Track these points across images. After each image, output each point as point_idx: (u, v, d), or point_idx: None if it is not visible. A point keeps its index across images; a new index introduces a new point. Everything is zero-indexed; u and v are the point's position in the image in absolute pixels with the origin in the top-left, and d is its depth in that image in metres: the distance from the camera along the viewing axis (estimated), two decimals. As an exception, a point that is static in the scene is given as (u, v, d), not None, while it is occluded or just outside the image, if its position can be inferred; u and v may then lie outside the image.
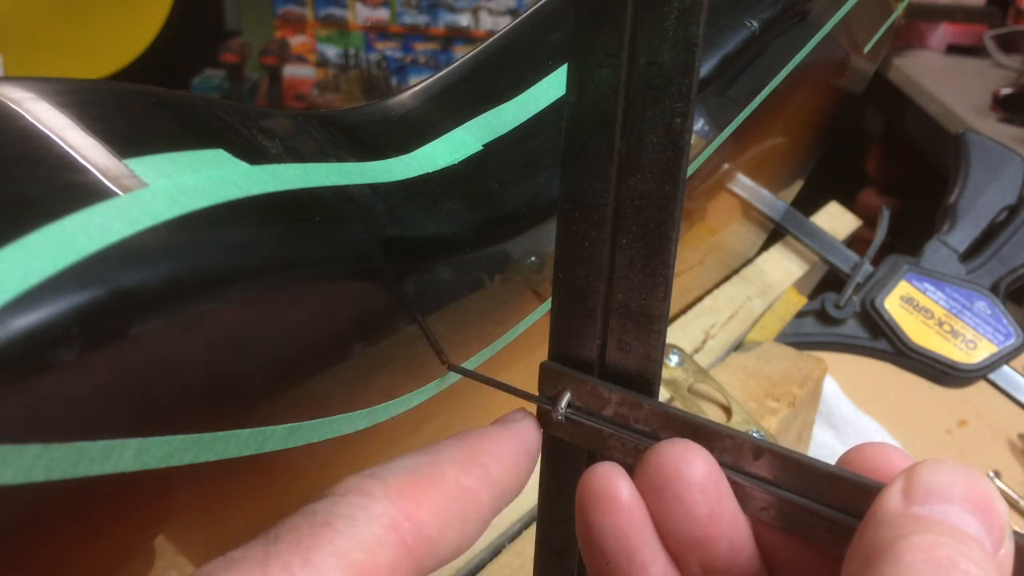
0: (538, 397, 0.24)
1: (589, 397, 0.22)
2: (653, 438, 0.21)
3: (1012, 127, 1.04)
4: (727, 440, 0.20)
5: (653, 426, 0.21)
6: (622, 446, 0.22)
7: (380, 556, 0.18)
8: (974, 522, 0.16)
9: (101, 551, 0.21)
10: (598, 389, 0.22)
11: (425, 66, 2.14)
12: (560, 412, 0.23)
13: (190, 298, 0.19)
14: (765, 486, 0.20)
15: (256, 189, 0.22)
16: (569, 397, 0.23)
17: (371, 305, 0.25)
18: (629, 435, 0.22)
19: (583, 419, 0.22)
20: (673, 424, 0.21)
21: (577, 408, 0.23)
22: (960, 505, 0.16)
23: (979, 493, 0.17)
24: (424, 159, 0.29)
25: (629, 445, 0.22)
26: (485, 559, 0.36)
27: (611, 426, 0.22)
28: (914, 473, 0.17)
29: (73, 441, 0.17)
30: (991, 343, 0.58)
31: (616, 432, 0.22)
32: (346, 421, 0.26)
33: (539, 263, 0.32)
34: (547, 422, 0.23)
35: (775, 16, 0.36)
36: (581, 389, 0.23)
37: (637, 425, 0.22)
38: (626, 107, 0.20)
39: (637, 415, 0.22)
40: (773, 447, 0.20)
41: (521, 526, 0.38)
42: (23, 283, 0.16)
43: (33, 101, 0.20)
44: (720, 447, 0.20)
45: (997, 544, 0.16)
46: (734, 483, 0.20)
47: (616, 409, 0.22)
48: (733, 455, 0.20)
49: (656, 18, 0.19)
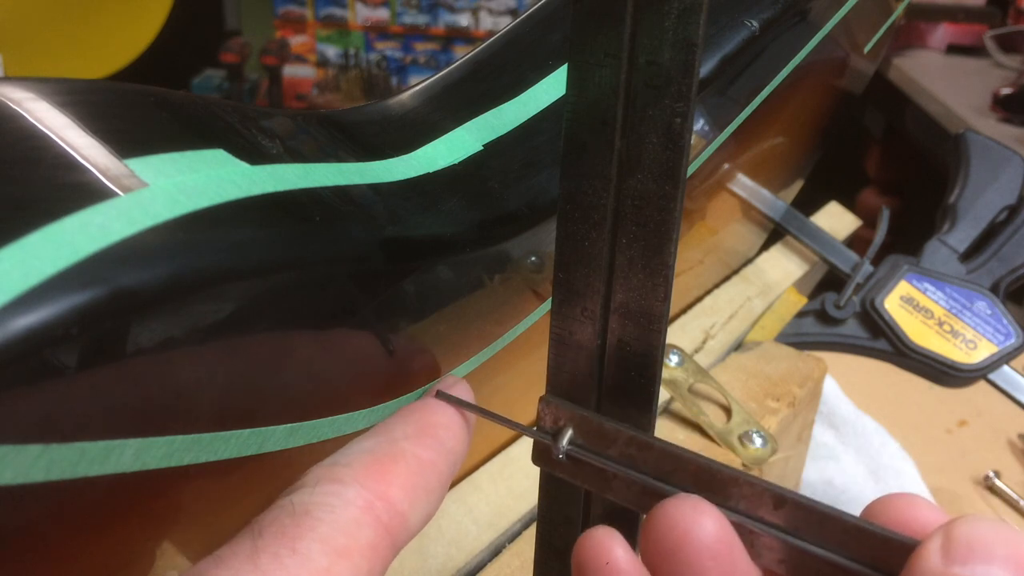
0: (538, 432, 0.22)
1: (593, 434, 0.21)
2: (663, 481, 0.20)
3: (1012, 127, 1.04)
4: (745, 487, 0.19)
5: (664, 469, 0.20)
6: (627, 488, 0.20)
7: (361, 538, 0.19)
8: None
9: (101, 552, 0.21)
10: (604, 426, 0.21)
11: (425, 66, 2.14)
12: (561, 450, 0.21)
13: (190, 298, 0.19)
14: (784, 536, 0.18)
15: (256, 189, 0.22)
16: (571, 434, 0.21)
17: (371, 305, 0.25)
18: (636, 476, 0.20)
19: (586, 457, 0.21)
20: (687, 468, 0.19)
21: (579, 446, 0.21)
22: (1003, 566, 0.16)
23: (1021, 553, 0.16)
24: (424, 159, 0.29)
25: (635, 487, 0.20)
26: (485, 559, 0.36)
27: (616, 466, 0.20)
28: (953, 530, 0.16)
29: (73, 441, 0.17)
30: (991, 343, 0.58)
31: (621, 472, 0.20)
32: (346, 421, 0.26)
33: (539, 263, 0.32)
34: (545, 460, 0.22)
35: (775, 16, 0.36)
36: (584, 425, 0.21)
37: (645, 467, 0.20)
38: (626, 107, 0.20)
39: (646, 456, 0.20)
40: (796, 497, 0.18)
41: (521, 526, 0.38)
42: (23, 283, 0.16)
43: (33, 101, 0.20)
44: (737, 494, 0.19)
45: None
46: (750, 532, 0.19)
47: (623, 449, 0.20)
48: (751, 503, 0.19)
49: (656, 18, 0.19)
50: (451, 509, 0.37)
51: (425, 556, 0.35)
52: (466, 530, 0.36)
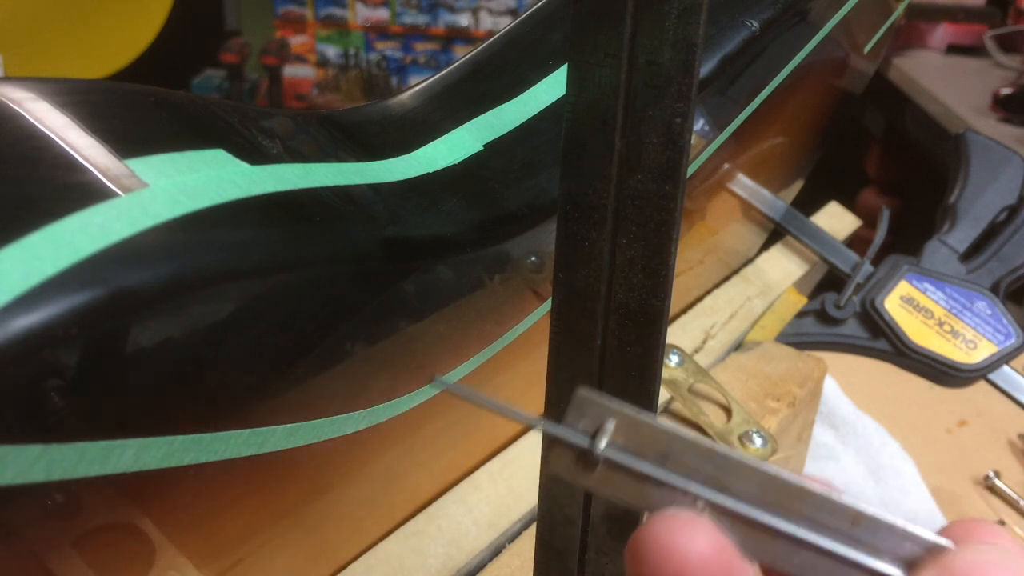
0: (567, 430, 0.18)
1: (639, 439, 0.18)
2: (723, 491, 0.17)
3: (1012, 127, 1.04)
4: (822, 502, 0.17)
5: (722, 481, 0.17)
6: (671, 499, 0.17)
7: None
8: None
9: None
10: (655, 431, 0.17)
11: (425, 66, 2.14)
12: (601, 450, 0.17)
13: (190, 298, 0.19)
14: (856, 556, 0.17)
15: (256, 189, 0.22)
16: (612, 432, 0.18)
17: (371, 305, 0.25)
18: (694, 490, 0.17)
19: (631, 464, 0.17)
20: (751, 478, 0.17)
21: (621, 450, 0.18)
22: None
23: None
24: (424, 159, 0.29)
25: (680, 500, 0.17)
26: (485, 559, 0.36)
27: (669, 477, 0.17)
28: (958, 566, 0.16)
29: (73, 441, 0.17)
30: (991, 343, 0.58)
31: (674, 483, 0.17)
32: (346, 421, 0.26)
33: (539, 263, 0.32)
34: (570, 464, 0.18)
35: (775, 16, 0.36)
36: (628, 428, 0.18)
37: (699, 476, 0.17)
38: (626, 107, 0.20)
39: (702, 465, 0.17)
40: (875, 514, 0.17)
41: (521, 526, 0.38)
42: (23, 283, 0.16)
43: (33, 101, 0.20)
44: (811, 509, 0.17)
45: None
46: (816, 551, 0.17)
47: (676, 456, 0.17)
48: (823, 520, 0.17)
49: (656, 18, 0.19)
50: (451, 509, 0.37)
51: (425, 556, 0.35)
52: (466, 530, 0.36)
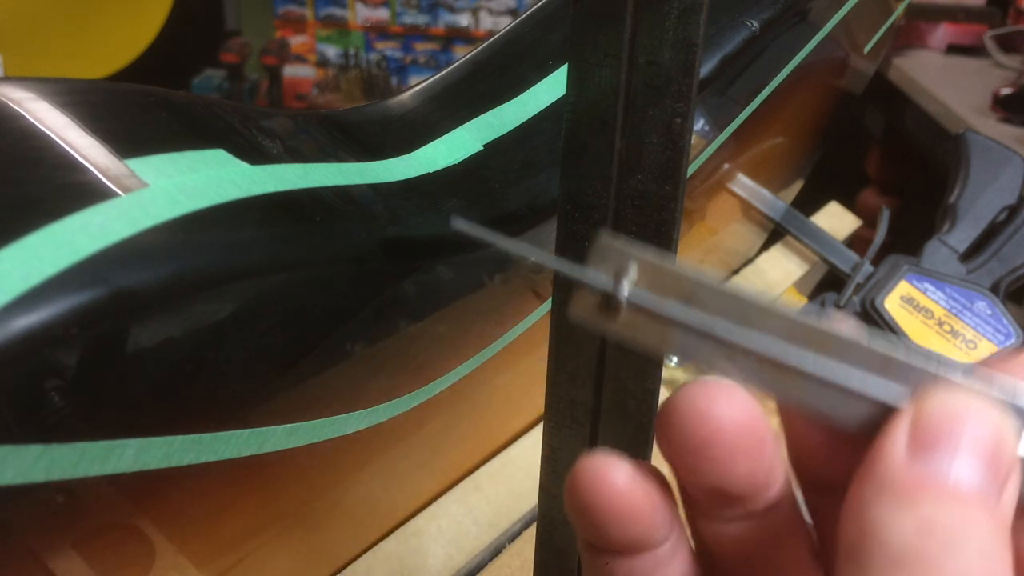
0: (594, 275, 0.17)
1: (660, 283, 0.17)
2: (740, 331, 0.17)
3: (1012, 127, 1.04)
4: (853, 348, 0.16)
5: (740, 320, 0.17)
6: (694, 345, 0.17)
7: None
8: (977, 478, 0.15)
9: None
10: (676, 274, 0.17)
11: (425, 66, 2.14)
12: (624, 293, 0.17)
13: (190, 298, 0.19)
14: None
15: (256, 189, 0.22)
16: (635, 276, 0.17)
17: (371, 305, 0.25)
18: (713, 332, 0.17)
19: (654, 306, 0.17)
20: (775, 322, 0.17)
21: (645, 294, 0.17)
22: (966, 457, 0.15)
23: (986, 439, 0.15)
24: (424, 159, 0.29)
25: (705, 344, 0.17)
26: (485, 559, 0.36)
27: (695, 318, 0.17)
28: (923, 412, 0.16)
29: (73, 441, 0.17)
30: (991, 343, 0.58)
31: (699, 326, 0.17)
32: (346, 421, 0.26)
33: (539, 263, 0.32)
34: (593, 307, 0.18)
35: (775, 16, 0.36)
36: (650, 272, 0.17)
37: (724, 324, 0.17)
38: (626, 107, 0.20)
39: (721, 306, 0.17)
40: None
41: (521, 526, 0.38)
42: (24, 283, 0.16)
43: (33, 101, 0.20)
44: (839, 352, 0.16)
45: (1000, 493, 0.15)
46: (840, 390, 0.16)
47: (699, 300, 0.17)
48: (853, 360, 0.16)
49: (656, 18, 0.19)
50: (451, 509, 0.37)
51: (425, 556, 0.35)
52: (466, 530, 0.36)
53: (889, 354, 0.17)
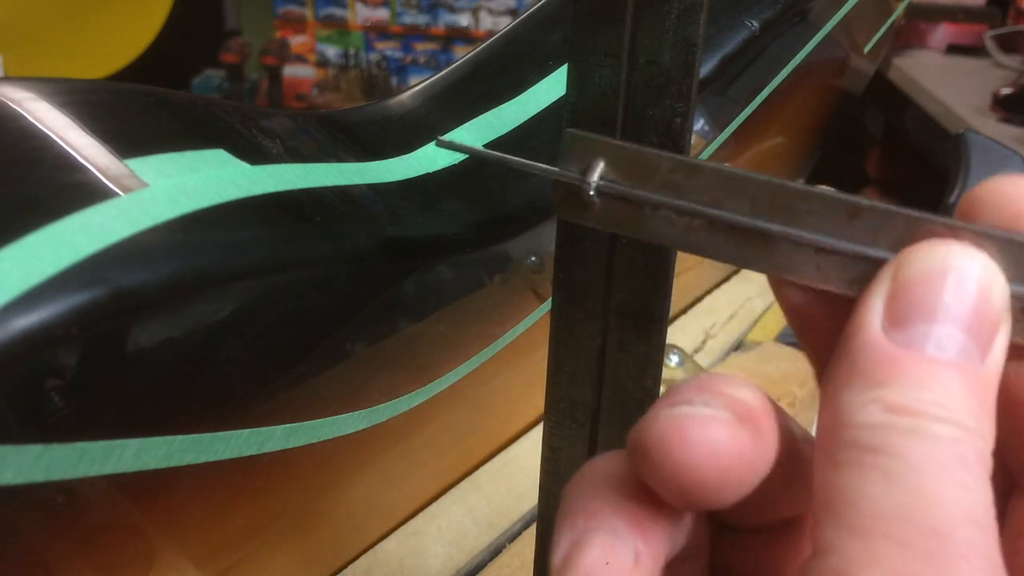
0: (560, 171, 0.19)
1: (630, 167, 0.18)
2: (716, 207, 0.17)
3: (1012, 127, 1.04)
4: (815, 202, 0.16)
5: (716, 196, 0.17)
6: (670, 224, 0.17)
7: None
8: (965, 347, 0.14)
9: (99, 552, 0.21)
10: (643, 155, 0.18)
11: (425, 66, 2.14)
12: (592, 184, 0.18)
13: (190, 298, 0.19)
14: (859, 249, 0.16)
15: (256, 189, 0.22)
16: (603, 168, 0.18)
17: (371, 305, 0.25)
18: (684, 205, 0.17)
19: (623, 193, 0.18)
20: (744, 190, 0.17)
21: (612, 182, 0.18)
22: (952, 327, 0.14)
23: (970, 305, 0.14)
24: (424, 159, 0.29)
25: (681, 221, 0.17)
26: (485, 559, 0.36)
27: (660, 197, 0.17)
28: (898, 278, 0.15)
29: (73, 441, 0.17)
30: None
31: (666, 202, 0.17)
32: (346, 421, 0.26)
33: (539, 263, 0.32)
34: (572, 206, 0.18)
35: (775, 16, 0.36)
36: (619, 158, 0.18)
37: (693, 196, 0.17)
38: (626, 107, 0.20)
39: (695, 184, 0.17)
40: (872, 204, 0.16)
41: (521, 526, 0.38)
42: (24, 283, 0.16)
43: (33, 101, 0.20)
44: (806, 211, 0.16)
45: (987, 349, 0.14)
46: (818, 251, 0.16)
47: (666, 178, 0.17)
48: (821, 220, 0.16)
49: (656, 18, 0.19)
50: (451, 509, 0.37)
51: (425, 556, 0.35)
52: (466, 530, 0.36)
53: (856, 202, 0.16)
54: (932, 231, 0.15)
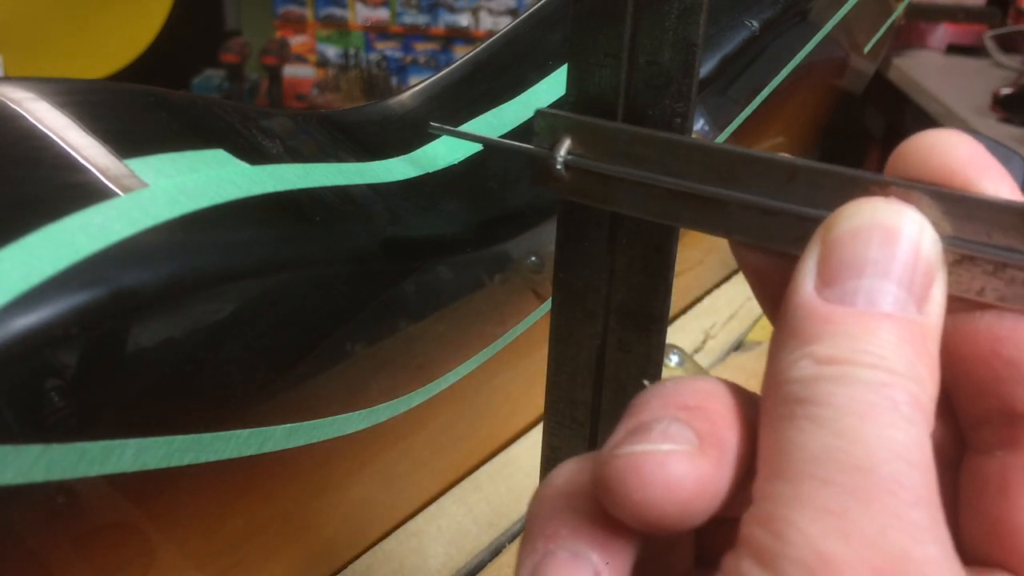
0: (531, 148, 0.20)
1: (594, 141, 0.20)
2: (675, 176, 0.18)
3: (1012, 127, 1.04)
4: (759, 165, 0.17)
5: (674, 167, 0.18)
6: (633, 193, 0.19)
7: None
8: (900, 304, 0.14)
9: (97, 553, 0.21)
10: (602, 128, 0.19)
11: (425, 66, 2.14)
12: (559, 160, 0.20)
13: (190, 298, 0.19)
14: (800, 210, 0.17)
15: (256, 189, 0.22)
16: (569, 144, 0.20)
17: (371, 305, 0.25)
18: (643, 175, 0.19)
19: (588, 166, 0.19)
20: (698, 159, 0.18)
21: (580, 156, 0.20)
22: (883, 282, 0.14)
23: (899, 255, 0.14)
24: (424, 159, 0.29)
25: (641, 190, 0.19)
26: (485, 559, 0.36)
27: (621, 169, 0.19)
28: (829, 236, 0.15)
29: (73, 441, 0.17)
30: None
31: (627, 175, 0.19)
32: (346, 421, 0.26)
33: (539, 263, 0.32)
34: (544, 178, 0.20)
35: (775, 16, 0.36)
36: (583, 133, 0.20)
37: (656, 167, 0.19)
38: (626, 107, 0.20)
39: (656, 155, 0.18)
40: (805, 164, 0.17)
41: (521, 526, 0.38)
42: (24, 283, 0.16)
43: (33, 101, 0.20)
44: (749, 174, 0.17)
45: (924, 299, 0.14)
46: (764, 213, 0.17)
47: (625, 149, 0.19)
48: (766, 181, 0.17)
49: (656, 18, 0.19)
50: (451, 509, 0.37)
51: (425, 556, 0.35)
52: (466, 530, 0.36)
53: (796, 163, 0.17)
54: (863, 188, 0.16)
